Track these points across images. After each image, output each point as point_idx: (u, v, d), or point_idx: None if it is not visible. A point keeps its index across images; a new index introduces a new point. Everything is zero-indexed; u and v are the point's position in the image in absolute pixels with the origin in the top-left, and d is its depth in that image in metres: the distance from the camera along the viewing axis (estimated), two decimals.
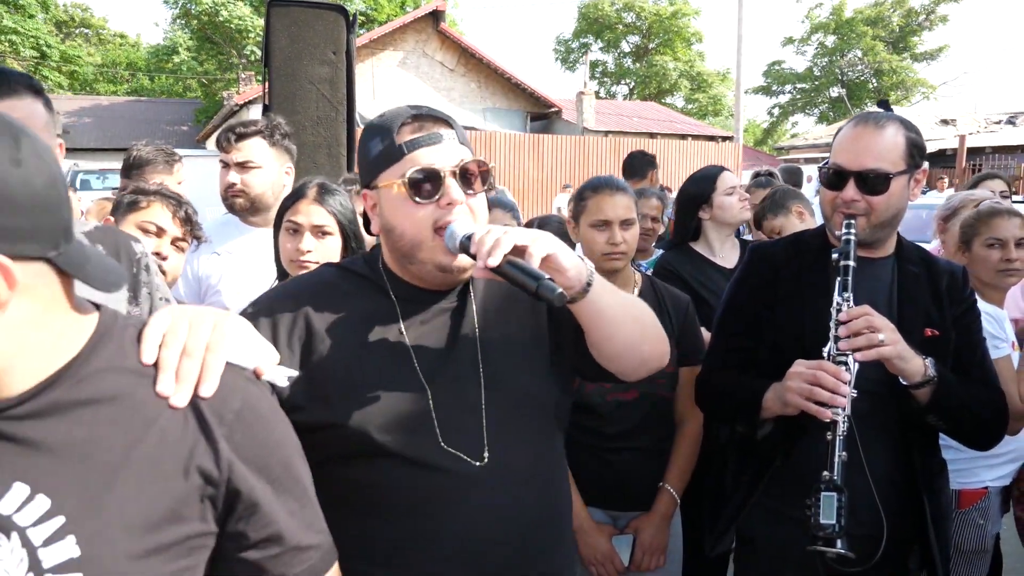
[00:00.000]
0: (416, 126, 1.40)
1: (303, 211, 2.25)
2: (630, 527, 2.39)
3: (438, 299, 1.49)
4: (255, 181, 2.80)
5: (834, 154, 1.92)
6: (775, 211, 3.55)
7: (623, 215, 2.37)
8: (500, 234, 1.29)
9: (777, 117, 48.26)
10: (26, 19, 27.40)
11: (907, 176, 1.88)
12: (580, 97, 25.77)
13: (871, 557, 1.71)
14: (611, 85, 46.77)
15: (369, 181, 1.46)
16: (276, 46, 4.27)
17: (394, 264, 1.49)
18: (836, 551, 1.63)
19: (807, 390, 1.71)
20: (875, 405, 1.83)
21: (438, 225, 1.39)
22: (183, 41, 33.02)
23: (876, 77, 41.15)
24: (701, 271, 3.14)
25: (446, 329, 1.48)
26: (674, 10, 42.54)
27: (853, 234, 1.83)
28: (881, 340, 1.70)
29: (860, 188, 1.85)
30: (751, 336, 2.01)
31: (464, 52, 24.68)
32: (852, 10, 41.75)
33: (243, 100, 21.95)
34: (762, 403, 1.87)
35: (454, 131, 1.43)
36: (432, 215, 1.38)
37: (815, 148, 26.17)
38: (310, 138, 4.36)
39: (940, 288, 1.96)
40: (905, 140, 1.87)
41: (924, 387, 1.77)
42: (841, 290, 1.78)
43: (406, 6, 30.88)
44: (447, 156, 1.39)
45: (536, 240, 1.30)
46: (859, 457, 1.75)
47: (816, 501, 1.66)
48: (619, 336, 1.47)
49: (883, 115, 1.91)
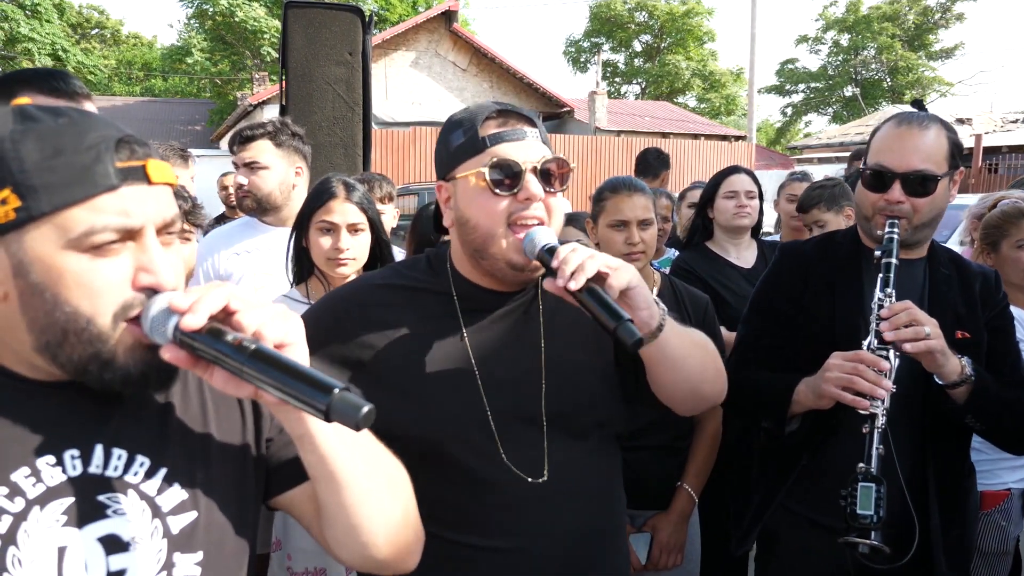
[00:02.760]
0: (500, 121, 1.40)
1: (337, 210, 2.28)
2: (647, 525, 2.39)
3: (504, 302, 1.47)
4: (262, 182, 2.86)
5: (875, 154, 1.89)
6: (829, 205, 3.40)
7: (641, 215, 2.38)
8: (585, 256, 1.26)
9: (790, 116, 47.98)
10: (42, 25, 27.59)
11: (948, 178, 1.87)
12: (592, 97, 25.73)
13: (901, 556, 1.69)
14: (622, 85, 46.67)
15: (446, 173, 1.45)
16: (293, 47, 4.30)
17: (463, 261, 1.48)
18: (870, 543, 1.61)
19: (847, 380, 1.68)
20: (903, 405, 1.81)
21: (513, 220, 1.37)
22: (197, 42, 33.22)
23: (891, 76, 40.84)
24: (718, 270, 3.14)
25: (511, 337, 1.46)
26: (687, 9, 42.35)
27: (897, 233, 1.81)
28: (927, 334, 1.68)
29: (905, 189, 1.82)
30: (778, 334, 2.00)
31: (476, 52, 24.69)
32: (868, 7, 41.44)
33: (257, 100, 22.07)
34: (793, 397, 1.86)
35: (537, 130, 1.42)
36: (509, 208, 1.37)
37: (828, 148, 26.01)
38: (326, 138, 4.39)
39: (973, 291, 1.94)
40: (948, 141, 1.85)
41: (961, 386, 1.75)
42: (883, 286, 1.76)
43: (418, 6, 30.92)
44: (529, 152, 1.38)
45: (618, 271, 1.27)
46: (891, 455, 1.73)
47: (853, 491, 1.63)
48: (682, 379, 1.45)
49: (925, 116, 1.89)
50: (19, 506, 0.91)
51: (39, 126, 0.89)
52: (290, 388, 0.84)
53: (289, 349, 0.90)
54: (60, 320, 0.90)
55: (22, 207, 0.87)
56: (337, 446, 0.99)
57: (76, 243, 0.88)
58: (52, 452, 0.94)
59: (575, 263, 1.25)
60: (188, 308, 0.88)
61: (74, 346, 0.91)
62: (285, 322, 0.91)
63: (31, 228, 0.88)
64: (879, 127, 1.96)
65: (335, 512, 1.04)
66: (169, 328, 0.89)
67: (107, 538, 0.94)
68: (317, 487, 1.03)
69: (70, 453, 0.95)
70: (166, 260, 0.94)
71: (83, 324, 0.90)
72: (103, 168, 0.89)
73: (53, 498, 0.93)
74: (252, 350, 0.85)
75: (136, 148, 0.92)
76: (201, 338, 0.87)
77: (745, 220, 3.23)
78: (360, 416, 0.81)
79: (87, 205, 0.88)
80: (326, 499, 1.03)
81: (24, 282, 0.89)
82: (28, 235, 0.88)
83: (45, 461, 0.94)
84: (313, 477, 1.02)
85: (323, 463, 0.99)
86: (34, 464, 0.93)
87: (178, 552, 0.99)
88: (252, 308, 0.90)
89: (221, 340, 0.87)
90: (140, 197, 0.92)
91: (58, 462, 0.94)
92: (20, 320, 0.91)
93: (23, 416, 0.94)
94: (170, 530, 0.99)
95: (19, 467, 0.92)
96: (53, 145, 0.88)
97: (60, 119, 0.90)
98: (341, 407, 0.81)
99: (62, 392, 0.97)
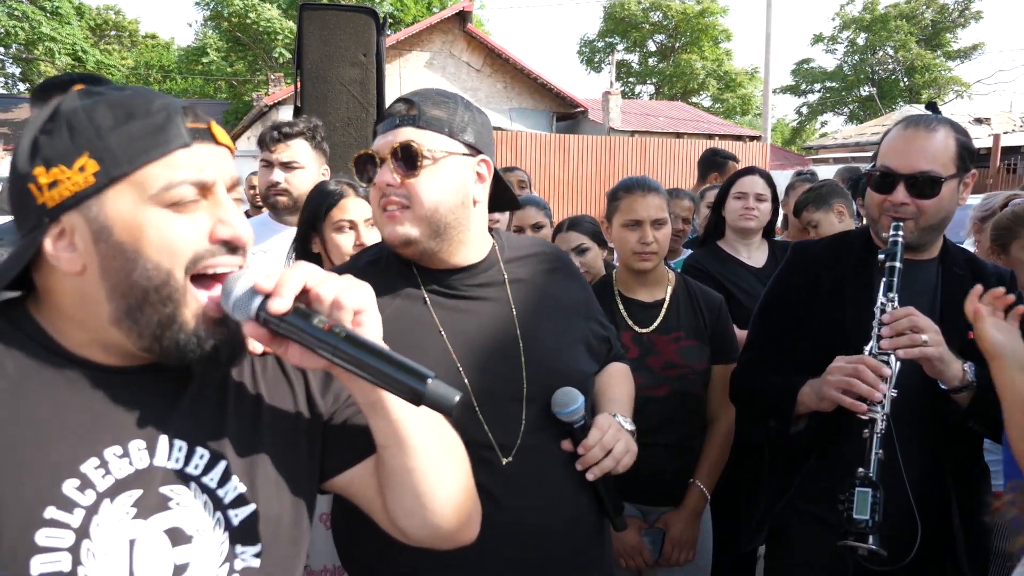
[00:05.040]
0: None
1: (352, 207, 2.32)
2: (660, 522, 2.41)
3: (466, 279, 1.53)
4: (298, 181, 2.86)
5: (882, 156, 1.90)
6: (818, 205, 3.49)
7: (655, 215, 2.40)
8: (603, 454, 1.53)
9: (806, 116, 47.67)
10: (63, 26, 27.85)
11: (957, 180, 1.87)
12: (606, 97, 25.68)
13: (903, 557, 1.70)
14: (636, 85, 46.53)
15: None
16: (308, 48, 4.34)
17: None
18: (868, 547, 1.63)
19: (845, 383, 1.70)
20: (914, 408, 1.82)
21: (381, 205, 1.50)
22: (213, 42, 33.44)
23: (908, 75, 40.49)
24: (729, 269, 3.14)
25: (481, 314, 1.52)
26: (701, 8, 42.18)
27: (901, 236, 1.82)
28: (924, 341, 1.69)
29: (910, 191, 1.83)
30: (789, 334, 2.01)
31: (491, 52, 24.71)
32: (885, 6, 41.10)
33: (272, 101, 22.20)
34: (797, 398, 1.87)
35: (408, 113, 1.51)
36: (376, 196, 1.50)
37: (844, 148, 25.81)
38: (341, 138, 4.42)
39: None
40: (956, 143, 1.85)
41: (963, 392, 1.76)
42: (886, 290, 1.77)
43: (432, 7, 31.00)
44: (385, 140, 1.48)
45: (623, 460, 1.56)
46: (896, 458, 1.75)
47: (850, 496, 1.66)
48: None
49: (933, 118, 1.89)
50: (90, 499, 0.92)
51: (107, 97, 0.94)
52: (384, 373, 0.89)
53: (366, 314, 0.95)
54: (141, 280, 0.92)
55: (101, 171, 0.91)
56: (407, 412, 1.02)
57: (156, 198, 0.92)
58: (119, 443, 0.96)
59: (594, 459, 1.48)
60: (273, 290, 0.92)
61: (154, 306, 0.93)
62: (359, 289, 0.96)
63: (110, 190, 0.92)
64: (889, 129, 1.97)
65: (404, 479, 1.06)
66: (253, 307, 0.92)
67: (172, 530, 0.96)
68: (386, 455, 1.05)
69: (136, 444, 0.97)
70: (240, 214, 0.98)
71: (163, 279, 0.93)
72: (175, 128, 0.94)
73: (122, 490, 0.94)
74: (345, 334, 0.90)
75: (198, 112, 0.97)
76: (290, 320, 0.91)
77: (751, 223, 3.23)
78: (453, 403, 0.88)
79: (163, 162, 0.93)
80: (396, 465, 1.05)
81: (106, 245, 0.92)
82: (108, 197, 0.92)
83: (113, 452, 0.95)
84: (382, 445, 1.05)
85: (395, 428, 1.02)
86: (102, 455, 0.94)
87: (239, 544, 1.00)
88: (327, 281, 0.95)
89: (311, 323, 0.91)
90: (210, 155, 0.97)
91: (124, 453, 0.96)
92: (99, 289, 0.93)
93: (91, 405, 0.96)
94: (231, 522, 1.00)
95: (89, 457, 0.93)
96: (125, 110, 0.93)
97: (125, 91, 0.96)
98: (435, 394, 0.87)
99: (129, 381, 0.99)
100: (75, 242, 0.93)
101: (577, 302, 1.66)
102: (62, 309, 0.97)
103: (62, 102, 0.94)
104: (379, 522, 1.15)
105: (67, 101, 0.94)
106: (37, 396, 0.93)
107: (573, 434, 1.49)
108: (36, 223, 0.93)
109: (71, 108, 0.93)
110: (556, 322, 1.58)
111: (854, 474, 1.68)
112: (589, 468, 1.49)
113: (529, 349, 1.51)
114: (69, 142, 0.91)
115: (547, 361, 1.52)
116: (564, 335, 1.58)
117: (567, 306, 1.63)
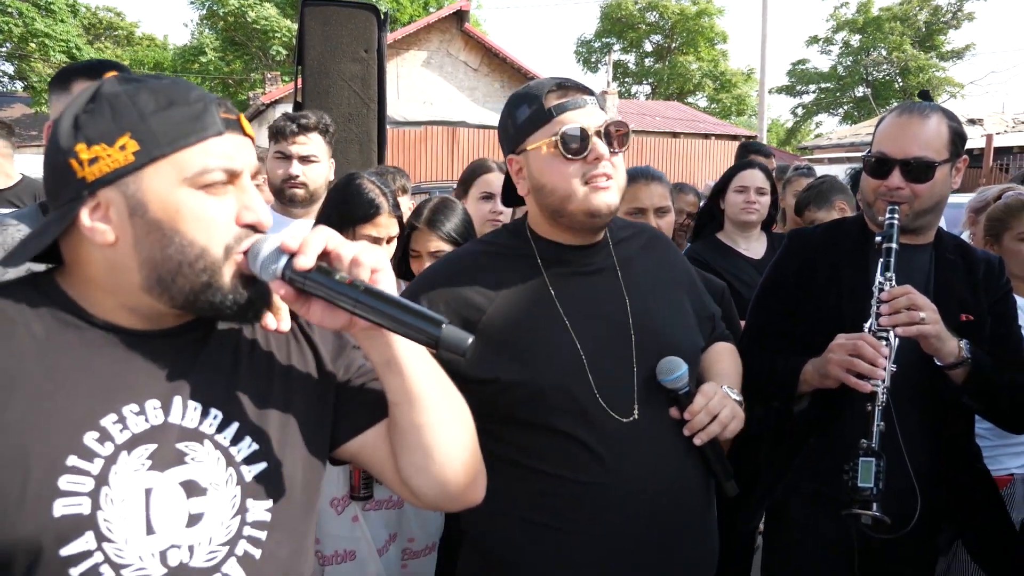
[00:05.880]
0: (561, 92, 1.54)
1: (385, 225, 2.29)
2: None
3: (584, 257, 1.62)
4: (314, 175, 2.88)
5: (877, 143, 1.96)
6: (819, 203, 3.51)
7: (658, 203, 2.45)
8: (708, 419, 1.55)
9: (801, 117, 47.80)
10: (57, 23, 27.75)
11: (950, 165, 1.92)
12: (603, 97, 25.74)
13: (903, 526, 1.75)
14: (632, 85, 46.61)
15: (516, 147, 1.58)
16: (309, 44, 4.37)
17: (542, 224, 1.62)
18: (872, 514, 1.68)
19: (847, 361, 1.76)
20: (912, 383, 1.87)
21: (586, 180, 1.51)
22: (209, 41, 33.39)
23: (902, 76, 40.64)
24: (729, 260, 3.18)
25: (593, 289, 1.60)
26: (698, 9, 42.27)
27: (897, 218, 1.87)
28: (922, 318, 1.75)
29: (905, 176, 1.89)
30: (787, 317, 2.06)
31: (488, 52, 24.74)
32: (878, 8, 41.25)
33: (269, 100, 22.17)
34: (800, 377, 1.92)
35: (595, 98, 1.56)
36: (581, 170, 1.51)
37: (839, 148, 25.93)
38: (342, 134, 4.45)
39: (977, 276, 1.99)
40: (948, 129, 1.91)
41: (958, 368, 1.82)
42: (883, 270, 1.83)
43: (429, 6, 31.01)
44: (592, 118, 1.52)
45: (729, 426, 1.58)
46: (895, 432, 1.80)
47: (854, 466, 1.71)
48: None
49: (926, 105, 1.95)
50: (109, 450, 0.98)
51: (148, 84, 1.01)
52: (402, 320, 0.96)
53: (382, 273, 1.02)
54: (175, 254, 1.00)
55: (141, 151, 0.97)
56: (419, 369, 1.10)
57: (192, 180, 0.99)
58: (136, 401, 1.02)
59: (701, 424, 1.53)
60: (299, 249, 0.99)
61: (187, 276, 1.00)
62: (375, 251, 1.03)
63: (149, 169, 0.98)
64: (883, 116, 2.03)
65: (415, 436, 1.12)
66: (279, 267, 0.99)
67: (187, 483, 1.02)
68: (398, 412, 1.12)
69: (152, 403, 1.03)
70: (262, 201, 1.06)
71: (197, 253, 1.00)
72: (211, 117, 1.01)
73: (138, 444, 1.00)
74: (364, 287, 0.97)
75: (229, 105, 1.04)
76: (314, 276, 0.98)
77: (752, 216, 3.27)
78: (467, 345, 0.95)
79: (200, 147, 0.99)
80: (407, 423, 1.11)
81: (141, 220, 0.99)
82: (146, 175, 0.98)
83: (130, 409, 1.01)
84: (395, 403, 1.12)
85: (407, 385, 1.09)
86: (120, 411, 1.01)
87: (251, 499, 1.06)
88: (345, 243, 1.02)
89: (333, 279, 0.97)
90: (239, 144, 1.04)
91: (141, 411, 1.02)
92: (131, 259, 1.00)
93: (112, 365, 1.02)
94: (243, 478, 1.06)
95: (108, 413, 1.00)
96: (167, 97, 1.00)
97: (163, 80, 1.02)
98: (450, 338, 0.95)
99: (149, 344, 1.05)
100: (110, 216, 0.99)
101: (680, 277, 1.76)
102: (91, 278, 1.04)
103: (102, 85, 1.01)
104: (391, 486, 1.21)
105: (108, 85, 1.01)
106: (62, 355, 1.00)
107: (678, 400, 1.53)
108: (75, 195, 0.99)
109: (113, 91, 1.00)
110: (662, 296, 1.67)
111: (853, 450, 1.73)
112: (696, 433, 1.53)
113: (638, 323, 1.58)
114: (111, 122, 0.98)
115: (655, 333, 1.59)
116: (670, 307, 1.67)
117: (672, 281, 1.72)
